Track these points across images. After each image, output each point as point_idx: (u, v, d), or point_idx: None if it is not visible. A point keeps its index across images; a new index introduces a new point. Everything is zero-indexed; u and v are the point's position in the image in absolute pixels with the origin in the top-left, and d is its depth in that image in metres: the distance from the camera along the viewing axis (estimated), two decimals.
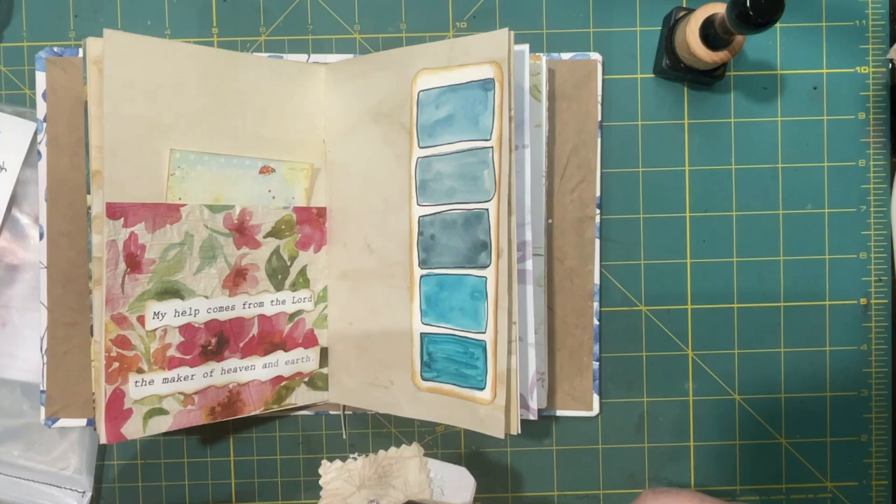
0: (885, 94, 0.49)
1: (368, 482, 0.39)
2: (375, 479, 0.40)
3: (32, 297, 0.48)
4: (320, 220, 0.48)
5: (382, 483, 0.40)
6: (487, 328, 0.41)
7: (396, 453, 0.41)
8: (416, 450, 0.41)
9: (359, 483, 0.39)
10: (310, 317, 0.48)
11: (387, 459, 0.40)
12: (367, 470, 0.40)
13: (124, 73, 0.40)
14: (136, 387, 0.42)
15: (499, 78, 0.40)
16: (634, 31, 0.49)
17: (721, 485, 0.50)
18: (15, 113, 0.47)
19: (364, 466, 0.40)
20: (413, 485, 0.40)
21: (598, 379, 0.48)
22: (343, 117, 0.46)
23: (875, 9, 0.49)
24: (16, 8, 0.48)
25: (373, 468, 0.40)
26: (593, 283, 0.48)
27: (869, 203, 0.49)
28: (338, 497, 0.39)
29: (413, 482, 0.40)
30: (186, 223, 0.43)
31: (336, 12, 0.49)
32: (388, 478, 0.40)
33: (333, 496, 0.39)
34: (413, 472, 0.40)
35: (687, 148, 0.49)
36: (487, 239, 0.40)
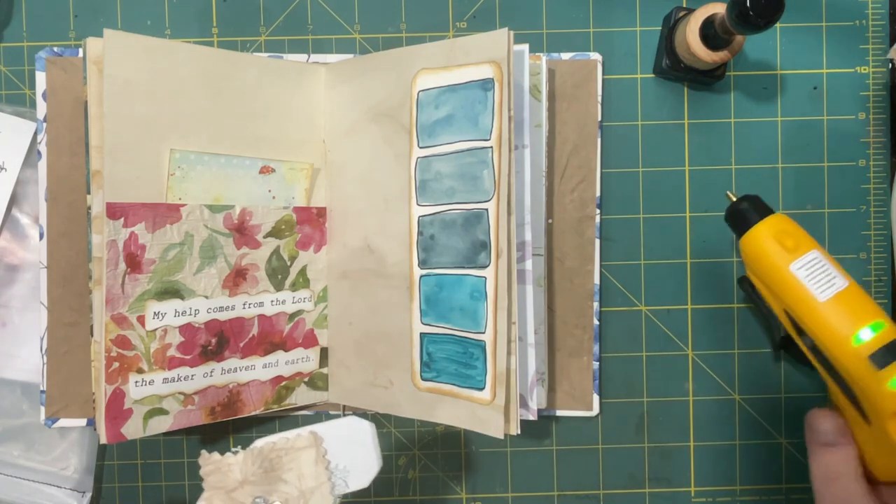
0: (885, 94, 0.49)
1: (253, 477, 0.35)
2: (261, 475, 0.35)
3: (32, 297, 0.48)
4: (320, 220, 0.48)
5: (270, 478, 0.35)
6: (487, 328, 0.41)
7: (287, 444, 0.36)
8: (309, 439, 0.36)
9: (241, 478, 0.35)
10: (310, 317, 0.48)
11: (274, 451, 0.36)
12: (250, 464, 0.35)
13: (124, 73, 0.40)
14: (136, 387, 0.42)
15: (498, 78, 0.40)
16: (634, 31, 0.49)
17: (721, 485, 0.50)
18: (15, 113, 0.47)
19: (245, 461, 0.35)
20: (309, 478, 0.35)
21: (598, 379, 0.48)
22: (343, 117, 0.46)
23: (875, 9, 0.49)
24: (16, 8, 0.48)
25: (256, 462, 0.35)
26: (593, 283, 0.48)
27: (869, 203, 0.49)
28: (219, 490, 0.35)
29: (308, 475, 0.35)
30: (186, 223, 0.43)
31: (336, 12, 0.49)
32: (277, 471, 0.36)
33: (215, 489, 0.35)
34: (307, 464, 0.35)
35: (687, 148, 0.49)
36: (487, 239, 0.40)
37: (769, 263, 0.39)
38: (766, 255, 0.39)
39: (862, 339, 0.36)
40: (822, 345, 0.38)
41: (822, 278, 0.38)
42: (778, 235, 0.39)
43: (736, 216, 0.42)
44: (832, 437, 0.38)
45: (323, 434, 0.36)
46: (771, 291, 0.40)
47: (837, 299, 0.37)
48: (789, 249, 0.39)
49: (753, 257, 0.40)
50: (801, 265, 0.38)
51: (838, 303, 0.37)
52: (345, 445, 0.37)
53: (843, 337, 0.37)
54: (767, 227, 0.40)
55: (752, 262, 0.41)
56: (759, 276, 0.40)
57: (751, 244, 0.40)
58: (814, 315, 0.38)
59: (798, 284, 0.38)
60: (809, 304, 0.38)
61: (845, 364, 0.37)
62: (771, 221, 0.40)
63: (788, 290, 0.38)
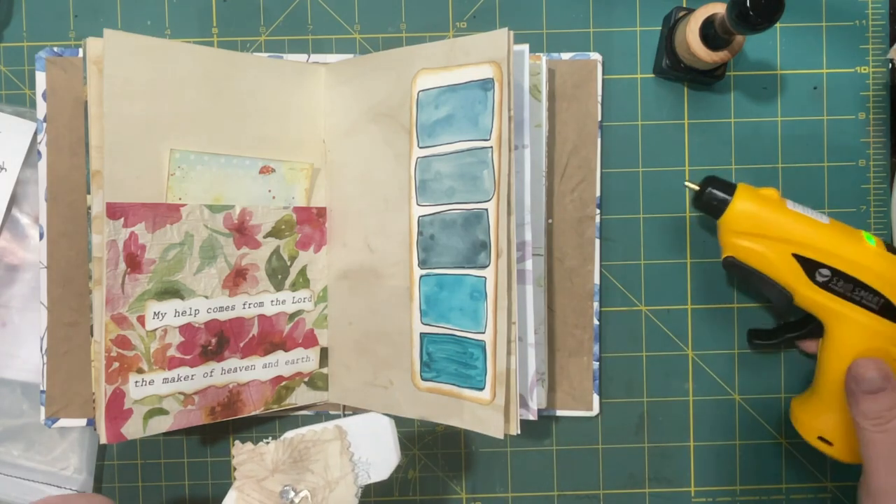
0: (885, 94, 0.49)
1: (282, 466, 0.38)
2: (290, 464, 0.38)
3: (32, 297, 0.48)
4: (320, 220, 0.48)
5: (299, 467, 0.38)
6: (487, 328, 0.41)
7: (314, 436, 0.38)
8: (335, 432, 0.38)
9: (272, 467, 0.37)
10: (310, 317, 0.48)
11: (303, 443, 0.38)
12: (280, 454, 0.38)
13: (124, 73, 0.40)
14: (136, 387, 0.42)
15: (498, 78, 0.40)
16: (634, 31, 0.49)
17: (721, 485, 0.50)
18: (15, 113, 0.47)
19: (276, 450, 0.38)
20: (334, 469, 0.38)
21: (598, 379, 0.48)
22: (343, 117, 0.46)
23: (875, 9, 0.49)
24: (16, 8, 0.48)
25: (286, 452, 0.38)
26: (593, 283, 0.48)
27: (869, 203, 0.49)
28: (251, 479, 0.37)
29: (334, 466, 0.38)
30: (186, 223, 0.43)
31: (336, 12, 0.49)
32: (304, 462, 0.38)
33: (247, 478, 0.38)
34: (333, 455, 0.38)
35: (687, 148, 0.49)
36: (487, 239, 0.40)
37: (770, 214, 0.42)
38: (763, 207, 0.42)
39: (872, 240, 0.41)
40: (842, 260, 0.41)
41: (811, 212, 0.42)
42: (757, 197, 0.43)
43: (708, 200, 0.43)
44: (879, 383, 0.39)
45: (347, 428, 0.39)
46: (775, 243, 0.42)
47: (833, 223, 0.42)
48: (775, 200, 0.42)
49: (750, 218, 0.42)
50: (793, 205, 0.42)
51: (835, 225, 0.42)
52: (367, 439, 0.39)
53: (857, 243, 0.41)
54: (744, 195, 0.43)
55: (749, 224, 0.42)
56: (761, 232, 0.42)
57: (741, 208, 0.42)
58: (827, 235, 0.41)
59: (803, 217, 0.42)
60: (820, 229, 0.41)
61: (869, 265, 0.41)
62: (742, 189, 0.43)
63: (797, 226, 0.41)
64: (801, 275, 0.42)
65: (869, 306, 0.41)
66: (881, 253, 0.41)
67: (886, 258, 0.41)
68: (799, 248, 0.42)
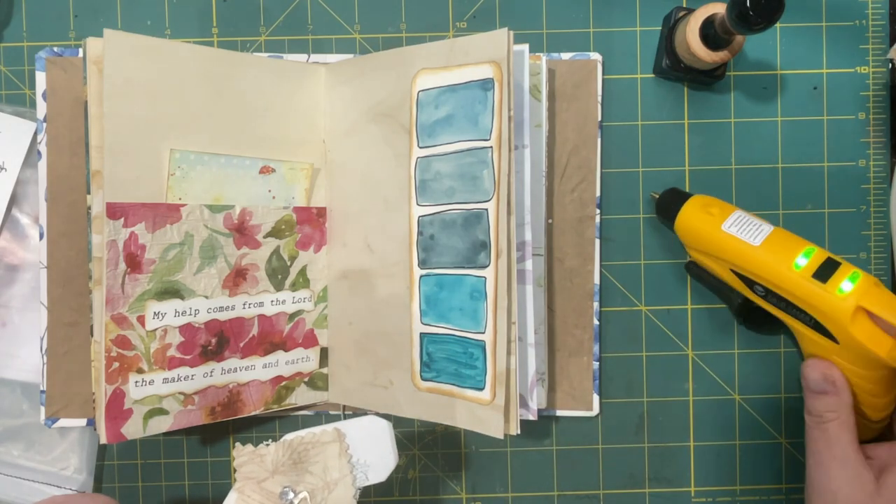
0: (885, 94, 0.49)
1: (282, 468, 0.38)
2: (290, 465, 0.38)
3: (32, 297, 0.48)
4: (320, 220, 0.48)
5: (298, 469, 0.38)
6: (487, 328, 0.41)
7: (313, 438, 0.39)
8: (334, 434, 0.39)
9: (272, 468, 0.38)
10: (310, 317, 0.48)
11: (302, 445, 0.39)
12: (280, 455, 0.38)
13: (124, 73, 0.40)
14: (136, 387, 0.42)
15: (498, 78, 0.40)
16: (634, 31, 0.49)
17: (721, 485, 0.50)
18: (15, 113, 0.47)
19: (276, 452, 0.38)
20: (333, 470, 0.38)
21: (598, 379, 0.48)
22: (343, 117, 0.46)
23: (875, 9, 0.49)
24: (16, 8, 0.48)
25: (286, 454, 0.38)
26: (593, 283, 0.48)
27: (869, 203, 0.49)
28: (252, 480, 0.38)
29: (332, 468, 0.38)
30: (186, 223, 0.43)
31: (336, 12, 0.49)
32: (304, 463, 0.39)
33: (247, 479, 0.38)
34: (332, 457, 0.39)
35: (687, 148, 0.49)
36: (487, 239, 0.40)
37: (705, 233, 0.44)
38: (700, 226, 0.44)
39: (801, 265, 0.41)
40: (769, 283, 0.42)
41: (750, 229, 0.43)
42: (704, 208, 0.44)
43: (664, 208, 0.47)
44: (822, 384, 0.41)
45: (346, 430, 0.39)
46: (715, 259, 0.44)
47: (769, 241, 0.42)
48: (716, 216, 0.44)
49: (691, 234, 0.45)
50: (730, 224, 0.43)
51: (770, 243, 0.42)
52: (365, 442, 0.39)
53: (785, 267, 0.41)
54: (693, 205, 0.45)
55: (691, 239, 0.45)
56: (700, 248, 0.45)
57: (684, 223, 0.45)
58: (754, 259, 0.42)
59: (733, 239, 0.43)
60: (748, 252, 0.42)
61: (795, 292, 0.41)
62: (694, 200, 0.45)
63: (727, 247, 0.43)
64: (744, 287, 0.44)
65: (805, 321, 0.42)
66: (806, 278, 0.40)
67: (810, 284, 0.40)
68: (733, 266, 0.43)
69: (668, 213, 0.46)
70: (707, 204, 0.45)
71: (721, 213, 0.44)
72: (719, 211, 0.44)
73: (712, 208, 0.44)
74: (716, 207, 0.44)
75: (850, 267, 0.40)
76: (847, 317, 0.39)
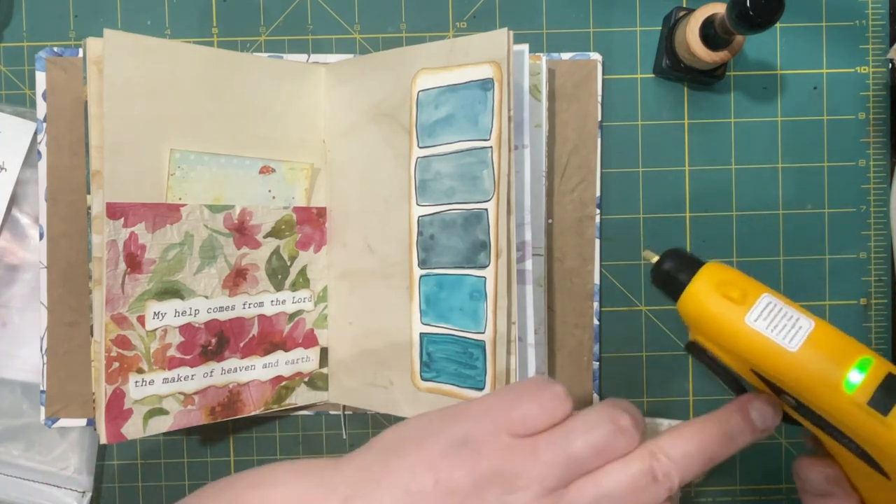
0: (885, 94, 0.49)
1: None
2: None
3: (32, 297, 0.48)
4: (320, 220, 0.48)
5: None
6: (486, 328, 0.41)
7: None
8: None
9: None
10: (310, 317, 0.48)
11: None
12: None
13: (124, 73, 0.40)
14: (136, 387, 0.42)
15: (498, 78, 0.40)
16: (634, 31, 0.49)
17: (721, 485, 0.49)
18: (15, 113, 0.47)
19: None
20: None
21: (598, 379, 0.48)
22: (343, 117, 0.46)
23: (875, 9, 0.49)
24: (16, 8, 0.48)
25: None
26: (593, 283, 0.48)
27: (869, 203, 0.49)
28: None
29: None
30: (186, 223, 0.43)
31: (336, 12, 0.49)
32: None
33: None
34: None
35: (687, 148, 0.49)
36: (487, 239, 0.40)
37: (722, 324, 0.32)
38: (714, 314, 0.32)
39: (854, 384, 0.29)
40: (808, 401, 0.31)
41: (784, 324, 0.31)
42: (720, 289, 0.32)
43: (663, 279, 0.34)
44: (824, 487, 0.34)
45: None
46: (730, 354, 0.33)
47: (810, 344, 0.30)
48: (737, 301, 0.32)
49: (699, 320, 0.33)
50: (758, 315, 0.31)
51: (813, 348, 0.30)
52: None
53: (831, 387, 0.30)
54: (705, 282, 0.32)
55: (699, 326, 0.33)
56: (711, 339, 0.33)
57: (691, 306, 0.33)
58: (789, 369, 0.30)
59: (760, 339, 0.31)
60: (780, 358, 0.31)
61: (842, 418, 0.30)
62: (706, 274, 0.33)
63: (751, 348, 0.31)
64: (767, 389, 0.34)
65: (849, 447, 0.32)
66: (860, 405, 0.29)
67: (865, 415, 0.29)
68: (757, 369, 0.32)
69: (669, 287, 0.34)
70: (724, 282, 0.32)
71: (743, 297, 0.31)
72: (741, 295, 0.32)
73: (732, 290, 0.32)
74: (736, 289, 0.32)
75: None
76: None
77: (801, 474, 0.35)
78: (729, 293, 0.32)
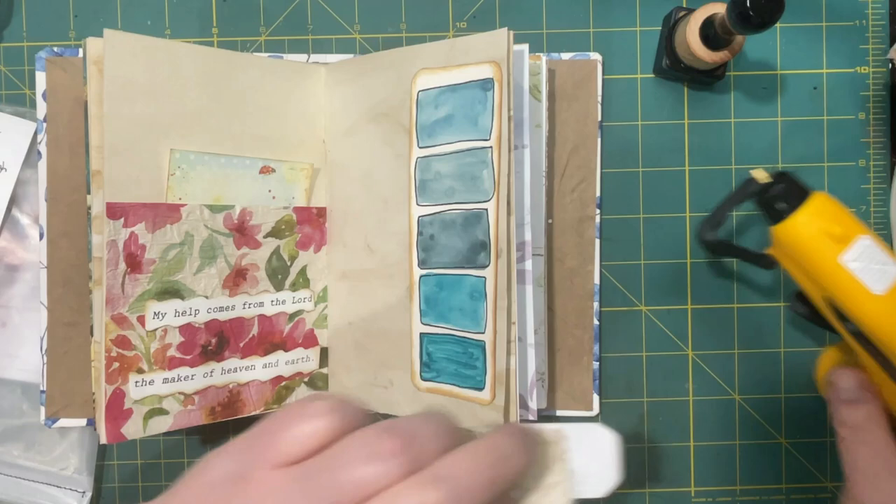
0: (885, 94, 0.49)
1: None
2: None
3: (32, 297, 0.48)
4: (320, 220, 0.48)
5: None
6: (486, 328, 0.41)
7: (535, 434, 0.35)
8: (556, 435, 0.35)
9: None
10: (310, 317, 0.48)
11: None
12: None
13: (124, 73, 0.40)
14: (136, 387, 0.42)
15: (498, 78, 0.40)
16: (634, 31, 0.49)
17: (721, 485, 0.50)
18: (15, 113, 0.47)
19: None
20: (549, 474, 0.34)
21: (598, 379, 0.48)
22: (343, 117, 0.46)
23: (875, 9, 0.49)
24: (16, 8, 0.48)
25: None
26: (593, 283, 0.48)
27: (869, 203, 0.49)
28: None
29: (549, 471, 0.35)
30: (186, 223, 0.43)
31: (336, 12, 0.49)
32: None
33: None
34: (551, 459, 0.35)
35: (687, 148, 0.49)
36: (487, 239, 0.40)
37: (816, 257, 0.34)
38: (812, 248, 0.34)
39: None
40: (879, 341, 0.34)
41: (874, 268, 0.33)
42: (824, 227, 0.34)
43: (771, 201, 0.36)
44: (855, 393, 0.38)
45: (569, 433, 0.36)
46: (814, 283, 0.36)
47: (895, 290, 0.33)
48: (837, 238, 0.34)
49: (795, 249, 0.35)
50: (853, 256, 0.34)
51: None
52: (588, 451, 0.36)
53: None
54: (811, 216, 0.34)
55: (793, 253, 0.36)
56: (801, 266, 0.36)
57: (792, 234, 0.35)
58: (870, 310, 0.33)
59: (848, 279, 0.33)
60: (864, 301, 0.33)
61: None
62: (813, 206, 0.35)
63: (838, 285, 0.34)
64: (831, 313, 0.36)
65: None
66: None
67: None
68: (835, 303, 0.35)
69: (773, 211, 0.36)
70: (830, 219, 0.34)
71: (844, 235, 0.34)
72: (843, 233, 0.34)
73: (835, 226, 0.34)
74: (840, 226, 0.34)
75: None
76: None
77: (837, 382, 0.38)
78: (831, 229, 0.34)
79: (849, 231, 0.34)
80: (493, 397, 0.41)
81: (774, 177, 0.36)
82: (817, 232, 0.34)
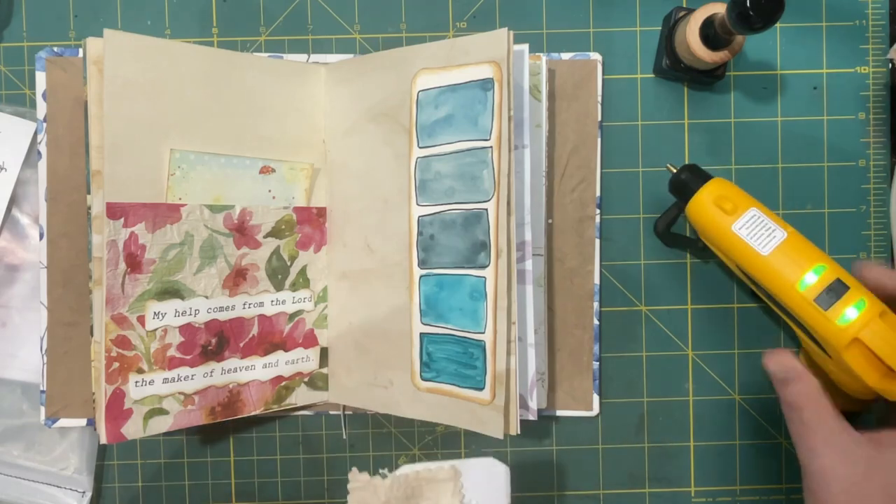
0: (885, 94, 0.49)
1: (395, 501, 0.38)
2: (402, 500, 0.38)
3: (32, 297, 0.48)
4: (320, 220, 0.48)
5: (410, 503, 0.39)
6: (486, 328, 0.41)
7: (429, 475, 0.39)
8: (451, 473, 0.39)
9: (384, 500, 0.38)
10: (310, 317, 0.48)
11: (418, 480, 0.39)
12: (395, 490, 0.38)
13: (124, 73, 0.40)
14: (136, 387, 0.42)
15: (498, 78, 0.40)
16: (634, 31, 0.49)
17: (721, 485, 0.50)
18: (15, 113, 0.47)
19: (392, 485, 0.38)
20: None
21: (598, 379, 0.48)
22: (343, 117, 0.46)
23: (875, 9, 0.49)
24: (16, 8, 0.48)
25: (401, 488, 0.38)
26: (593, 283, 0.48)
27: (869, 203, 0.49)
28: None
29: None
30: (186, 223, 0.43)
31: (336, 12, 0.49)
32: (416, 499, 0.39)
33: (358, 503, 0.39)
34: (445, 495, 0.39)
35: (687, 148, 0.49)
36: (487, 239, 0.40)
37: (713, 228, 0.42)
38: (709, 220, 0.42)
39: (807, 283, 0.39)
40: (773, 294, 0.41)
41: (762, 233, 0.41)
42: (717, 200, 0.42)
43: (678, 186, 0.45)
44: (785, 373, 0.40)
45: (462, 470, 0.39)
46: (721, 253, 0.44)
47: (780, 250, 0.40)
48: (729, 211, 0.42)
49: (698, 223, 0.43)
50: (742, 224, 0.41)
51: (781, 253, 0.40)
52: (480, 485, 0.39)
53: (789, 285, 0.40)
54: (707, 194, 0.43)
55: (699, 229, 0.44)
56: (707, 240, 0.44)
57: (694, 212, 0.43)
58: (761, 268, 0.41)
59: (741, 243, 0.41)
60: (755, 260, 0.41)
61: (796, 309, 0.40)
62: (710, 187, 0.43)
63: (734, 249, 0.42)
64: (748, 281, 0.43)
65: (802, 330, 0.41)
66: (808, 301, 0.39)
67: (811, 308, 0.39)
68: (741, 267, 0.42)
69: (681, 193, 0.44)
70: (722, 196, 0.42)
71: (734, 209, 0.42)
72: (733, 207, 0.42)
73: (726, 202, 0.42)
74: (730, 202, 0.42)
75: (860, 292, 0.39)
76: (842, 346, 0.38)
77: (767, 366, 0.41)
78: (724, 206, 0.42)
79: (739, 205, 0.42)
80: (493, 397, 0.41)
81: (680, 168, 0.45)
82: (714, 206, 0.42)
